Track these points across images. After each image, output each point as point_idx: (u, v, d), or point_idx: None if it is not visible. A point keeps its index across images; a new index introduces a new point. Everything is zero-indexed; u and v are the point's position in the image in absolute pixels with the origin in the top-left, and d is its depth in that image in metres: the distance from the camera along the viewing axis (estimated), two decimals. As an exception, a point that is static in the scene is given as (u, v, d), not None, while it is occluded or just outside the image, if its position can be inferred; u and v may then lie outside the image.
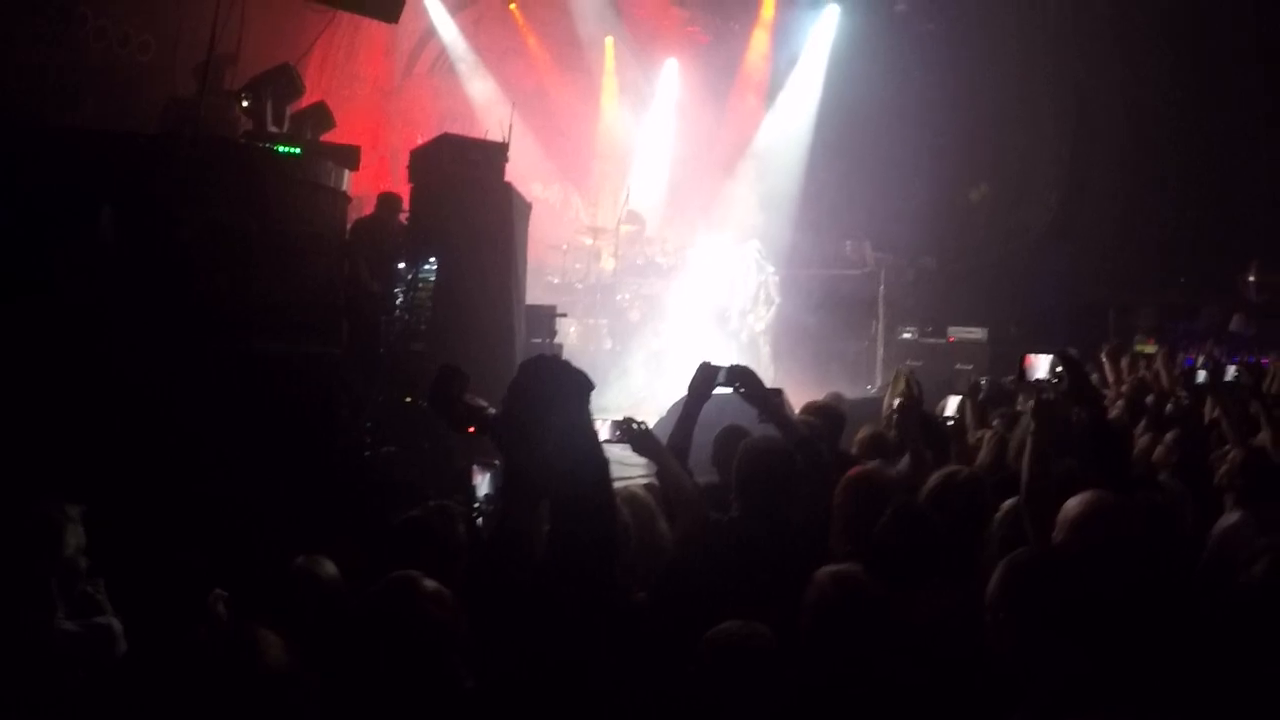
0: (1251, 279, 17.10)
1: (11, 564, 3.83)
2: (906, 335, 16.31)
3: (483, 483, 4.27)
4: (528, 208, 11.64)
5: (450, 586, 3.31)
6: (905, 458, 5.83)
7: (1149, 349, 12.98)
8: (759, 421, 4.95)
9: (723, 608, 3.48)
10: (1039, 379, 4.85)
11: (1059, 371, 4.85)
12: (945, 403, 7.05)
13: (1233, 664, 3.68)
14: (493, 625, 3.07)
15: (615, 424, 4.49)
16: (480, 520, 4.26)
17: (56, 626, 3.84)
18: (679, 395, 5.01)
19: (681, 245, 17.08)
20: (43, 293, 6.99)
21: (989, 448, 6.02)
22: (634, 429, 4.51)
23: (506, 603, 2.97)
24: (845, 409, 6.95)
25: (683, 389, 4.96)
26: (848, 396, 9.31)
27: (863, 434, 6.41)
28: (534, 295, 12.40)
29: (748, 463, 4.45)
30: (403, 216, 11.06)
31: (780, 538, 4.24)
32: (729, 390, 4.85)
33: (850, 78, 18.24)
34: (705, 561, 4.20)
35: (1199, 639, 3.72)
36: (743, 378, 4.84)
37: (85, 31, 11.93)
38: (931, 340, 16.21)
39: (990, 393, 7.48)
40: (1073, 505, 3.77)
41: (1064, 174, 18.55)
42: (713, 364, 4.88)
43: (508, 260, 10.60)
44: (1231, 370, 6.84)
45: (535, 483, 2.86)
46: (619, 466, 4.74)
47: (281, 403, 7.63)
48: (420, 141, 11.76)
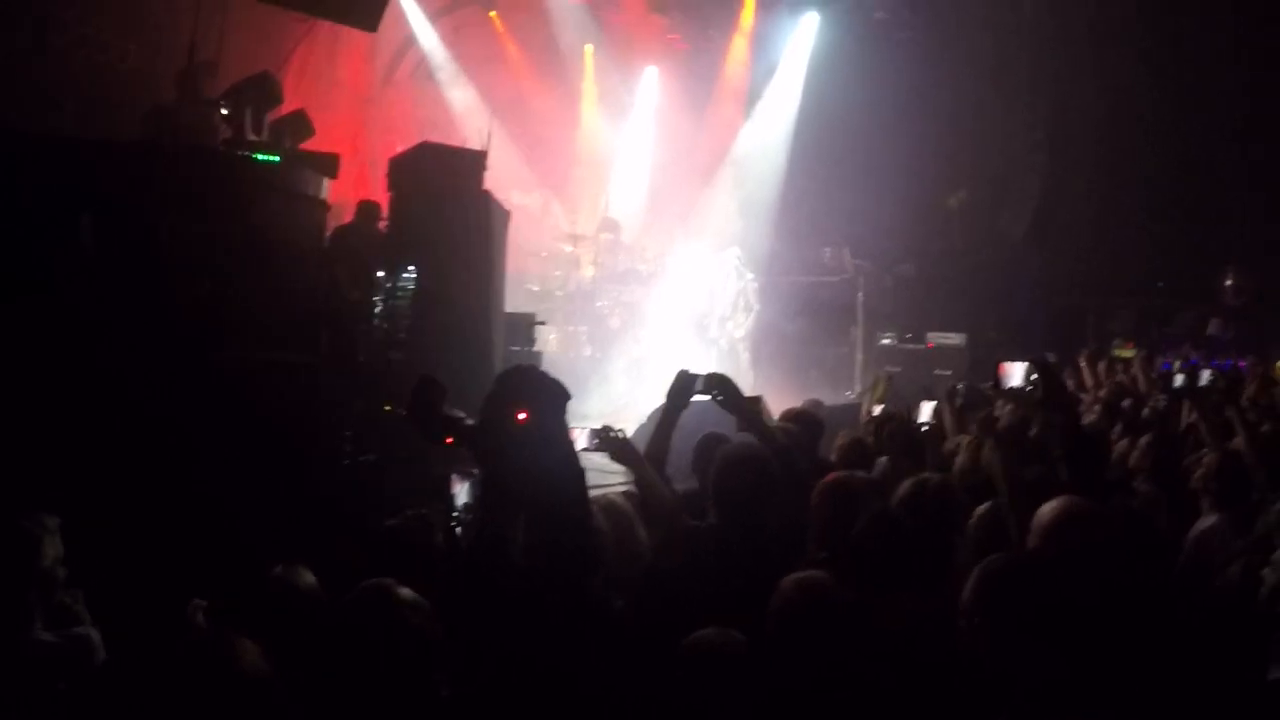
0: (1229, 282, 17.23)
1: (-11, 575, 3.82)
2: (886, 341, 16.37)
3: (461, 492, 4.27)
4: (506, 216, 11.65)
5: (429, 595, 3.32)
6: (881, 462, 5.87)
7: (1127, 353, 13.04)
8: (737, 429, 4.98)
9: (700, 615, 3.50)
10: (1014, 386, 4.89)
11: (1033, 379, 4.90)
12: (920, 408, 7.09)
13: (1210, 666, 3.72)
14: (471, 633, 3.09)
15: (593, 432, 4.51)
16: (459, 529, 4.27)
17: (35, 637, 3.83)
18: (659, 402, 5.03)
19: (661, 252, 17.10)
20: (21, 300, 6.95)
21: (967, 452, 6.05)
22: (611, 437, 4.53)
23: (485, 611, 2.99)
24: (823, 415, 6.99)
25: (663, 396, 4.98)
26: (827, 403, 9.37)
27: (841, 440, 6.45)
28: (513, 303, 12.42)
29: (724, 470, 4.47)
30: (382, 224, 11.05)
31: (757, 545, 4.25)
32: (709, 397, 4.88)
33: (829, 85, 18.33)
34: (682, 569, 4.22)
35: (1176, 641, 3.75)
36: (720, 386, 4.87)
37: (66, 39, 11.87)
38: (911, 346, 16.26)
39: (968, 398, 7.51)
40: (1046, 511, 3.79)
41: (1041, 179, 18.63)
42: (690, 372, 4.90)
43: (487, 269, 10.62)
44: (1206, 375, 6.90)
45: (513, 493, 2.88)
46: (598, 474, 4.77)
47: (260, 411, 7.61)
48: (400, 149, 11.74)
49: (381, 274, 10.22)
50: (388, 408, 9.19)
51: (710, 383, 4.85)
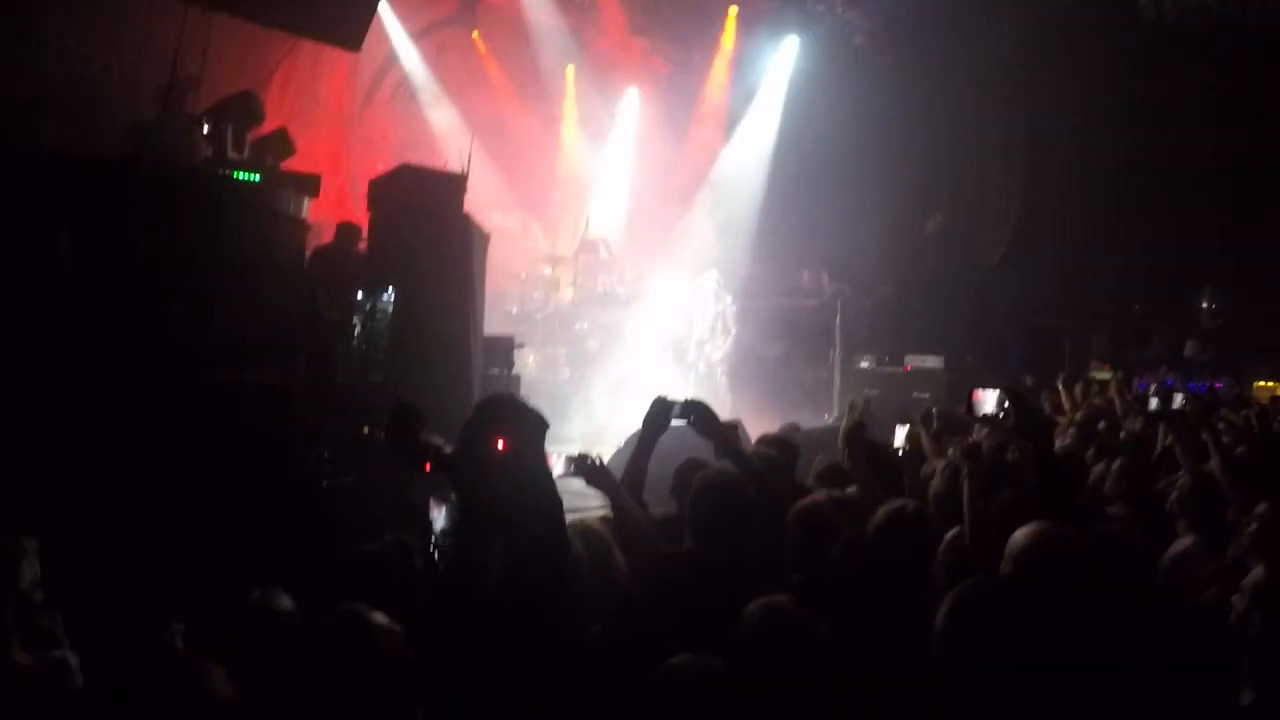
0: (1205, 304, 17.39)
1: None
2: (864, 364, 16.39)
3: (439, 516, 4.29)
4: (486, 238, 11.67)
5: (407, 621, 3.32)
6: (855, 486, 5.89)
7: (1104, 375, 13.12)
8: (715, 455, 5.00)
9: (677, 640, 3.51)
10: (986, 413, 4.93)
11: (1006, 406, 4.93)
12: (896, 432, 7.11)
13: (1186, 687, 3.75)
14: (447, 659, 3.10)
15: (569, 459, 4.52)
16: (437, 554, 4.28)
17: (12, 660, 3.82)
18: (636, 427, 5.05)
19: (640, 275, 17.14)
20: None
21: (943, 476, 6.07)
22: (587, 464, 4.55)
23: (462, 636, 3.00)
24: (800, 440, 7.00)
25: (640, 421, 5.00)
26: (806, 426, 9.38)
27: (818, 465, 6.46)
28: (492, 325, 12.40)
29: (701, 496, 4.48)
30: (361, 246, 11.05)
31: (733, 570, 4.27)
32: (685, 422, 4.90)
33: (808, 108, 18.46)
34: (658, 594, 4.23)
35: (1152, 664, 3.78)
36: (697, 411, 4.89)
37: (46, 53, 11.83)
38: (889, 369, 16.28)
39: (943, 422, 7.54)
40: (1019, 537, 3.82)
41: (1017, 203, 18.77)
42: (668, 398, 4.93)
43: (466, 291, 10.62)
44: (1179, 399, 6.96)
45: (490, 519, 2.90)
46: (575, 498, 4.78)
47: (238, 432, 7.58)
48: (381, 169, 11.77)
49: (361, 295, 10.22)
50: (366, 430, 9.17)
51: (687, 409, 4.88)
